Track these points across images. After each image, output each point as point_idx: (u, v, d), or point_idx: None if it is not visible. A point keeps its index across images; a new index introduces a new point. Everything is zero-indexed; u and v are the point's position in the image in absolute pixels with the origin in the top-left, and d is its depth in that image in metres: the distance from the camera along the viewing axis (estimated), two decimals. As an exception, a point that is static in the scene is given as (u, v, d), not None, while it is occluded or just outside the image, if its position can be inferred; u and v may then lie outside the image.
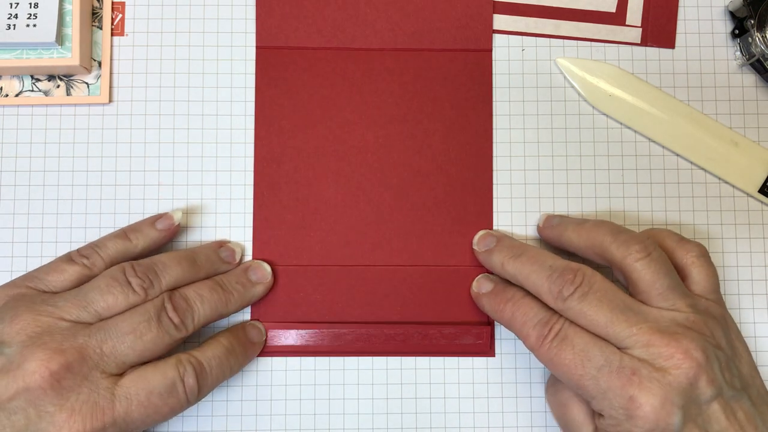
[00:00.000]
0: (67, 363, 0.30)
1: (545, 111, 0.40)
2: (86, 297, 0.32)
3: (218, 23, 0.40)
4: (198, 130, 0.39)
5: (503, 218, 0.39)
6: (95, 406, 0.30)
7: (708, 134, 0.39)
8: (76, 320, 0.32)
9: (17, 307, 0.32)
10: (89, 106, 0.39)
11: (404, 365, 0.38)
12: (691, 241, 0.35)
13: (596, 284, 0.32)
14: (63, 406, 0.30)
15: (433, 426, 0.38)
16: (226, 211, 0.39)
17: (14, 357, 0.30)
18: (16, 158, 0.39)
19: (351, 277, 0.38)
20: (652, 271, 0.32)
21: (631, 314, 0.31)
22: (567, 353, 0.31)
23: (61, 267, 0.34)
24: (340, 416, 0.38)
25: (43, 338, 0.30)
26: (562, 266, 0.33)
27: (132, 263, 0.34)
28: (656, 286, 0.32)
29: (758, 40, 0.39)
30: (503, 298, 0.35)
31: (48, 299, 0.32)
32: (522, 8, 0.41)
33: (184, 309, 0.34)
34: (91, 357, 0.31)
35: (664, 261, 0.33)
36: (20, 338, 0.30)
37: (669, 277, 0.32)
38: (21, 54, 0.38)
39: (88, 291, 0.33)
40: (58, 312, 0.32)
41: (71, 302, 0.32)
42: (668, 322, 0.31)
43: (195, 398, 0.33)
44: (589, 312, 0.31)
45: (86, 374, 0.30)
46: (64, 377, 0.30)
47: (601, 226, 0.35)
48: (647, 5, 0.41)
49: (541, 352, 0.32)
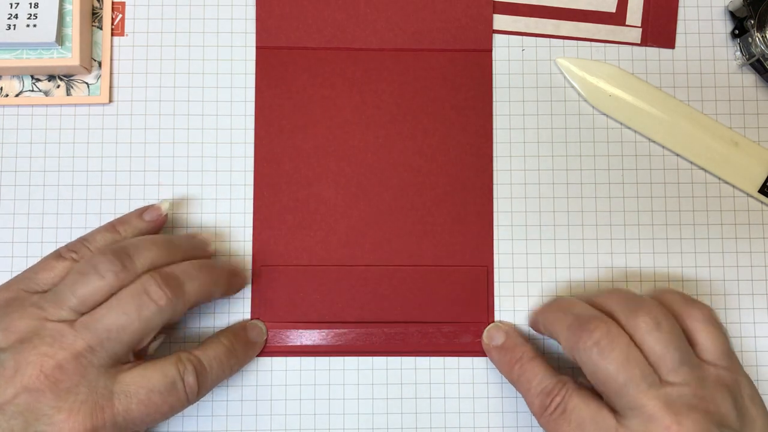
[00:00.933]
0: (58, 363, 0.30)
1: (545, 111, 0.40)
2: (61, 295, 0.32)
3: (218, 23, 0.40)
4: (198, 130, 0.39)
5: (503, 218, 0.39)
6: (94, 406, 0.30)
7: (708, 134, 0.39)
8: (59, 320, 0.31)
9: (9, 312, 0.31)
10: (89, 106, 0.39)
11: (404, 365, 0.38)
12: (697, 304, 0.34)
13: (617, 339, 0.32)
14: (61, 408, 0.29)
15: (433, 426, 0.38)
16: (226, 211, 0.39)
17: (8, 362, 0.30)
18: (16, 158, 0.39)
19: (351, 277, 0.38)
20: (663, 345, 0.31)
21: (644, 385, 0.31)
22: (564, 426, 0.32)
23: (50, 264, 0.33)
24: (340, 416, 0.38)
25: (33, 341, 0.30)
26: (587, 316, 0.33)
27: (102, 249, 0.33)
28: (666, 360, 0.31)
29: (758, 40, 0.39)
30: (512, 358, 0.36)
31: (36, 300, 0.32)
32: (522, 8, 0.41)
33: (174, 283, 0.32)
34: (82, 354, 0.30)
35: (674, 331, 0.32)
36: (11, 342, 0.30)
37: (680, 351, 0.31)
38: (21, 54, 0.38)
39: (61, 289, 0.32)
40: (43, 313, 0.31)
41: (51, 302, 0.32)
42: (676, 399, 0.30)
43: (195, 397, 0.33)
44: (606, 367, 0.31)
45: (82, 372, 0.30)
46: (60, 378, 0.30)
47: (612, 295, 0.34)
48: (647, 5, 0.41)
49: (542, 422, 0.33)
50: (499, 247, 0.39)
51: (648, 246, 0.39)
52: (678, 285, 0.39)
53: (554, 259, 0.39)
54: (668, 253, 0.39)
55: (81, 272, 0.32)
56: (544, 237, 0.39)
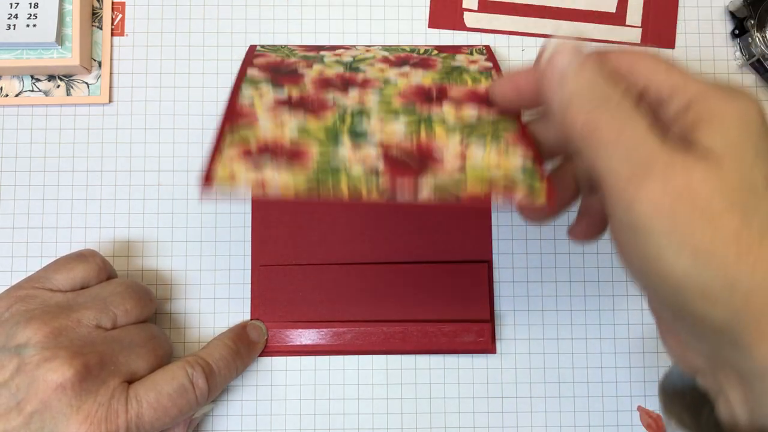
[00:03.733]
0: (88, 365, 0.30)
1: (545, 111, 0.40)
2: (106, 300, 0.32)
3: (218, 23, 0.40)
4: (198, 130, 0.39)
5: (503, 218, 0.39)
6: (109, 409, 0.30)
7: (708, 134, 0.39)
8: (95, 324, 0.31)
9: (31, 309, 0.31)
10: (89, 106, 0.39)
11: (404, 365, 0.38)
12: None
13: None
14: (80, 408, 0.29)
15: (433, 426, 0.38)
16: (226, 211, 0.39)
17: (31, 358, 0.29)
18: (16, 158, 0.39)
19: (351, 276, 0.38)
20: None
21: None
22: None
23: (70, 265, 0.33)
24: (340, 416, 0.38)
25: (61, 340, 0.30)
26: None
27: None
28: None
29: (758, 40, 0.39)
30: None
31: (61, 300, 0.32)
32: (522, 8, 0.41)
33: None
34: (108, 363, 0.31)
35: None
36: (37, 339, 0.30)
37: None
38: (21, 54, 0.38)
39: (108, 295, 0.33)
40: (75, 315, 0.31)
41: (90, 305, 0.32)
42: None
43: (205, 400, 0.33)
44: None
45: (104, 379, 0.30)
46: (85, 379, 0.30)
47: None
48: (647, 5, 0.41)
49: None
50: (499, 248, 0.39)
51: (648, 246, 0.39)
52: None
53: (554, 260, 0.39)
54: (668, 253, 0.39)
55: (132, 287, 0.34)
56: (544, 237, 0.39)
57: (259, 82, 0.31)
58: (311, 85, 0.31)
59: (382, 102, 0.30)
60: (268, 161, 0.26)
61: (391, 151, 0.27)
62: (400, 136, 0.28)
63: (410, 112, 0.29)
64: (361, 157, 0.27)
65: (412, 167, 0.27)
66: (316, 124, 0.28)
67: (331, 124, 0.29)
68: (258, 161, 0.26)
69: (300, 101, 0.30)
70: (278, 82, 0.31)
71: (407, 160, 0.27)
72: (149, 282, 0.38)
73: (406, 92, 0.31)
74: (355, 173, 0.26)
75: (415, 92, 0.31)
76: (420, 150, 0.28)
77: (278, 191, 0.26)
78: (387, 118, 0.29)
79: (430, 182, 0.26)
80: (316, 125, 0.28)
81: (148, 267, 0.38)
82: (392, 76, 0.32)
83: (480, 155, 0.27)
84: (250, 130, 0.28)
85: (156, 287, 0.38)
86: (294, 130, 0.28)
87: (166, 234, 0.39)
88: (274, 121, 0.28)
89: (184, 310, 0.38)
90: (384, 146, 0.28)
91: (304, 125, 0.28)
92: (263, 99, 0.30)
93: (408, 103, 0.30)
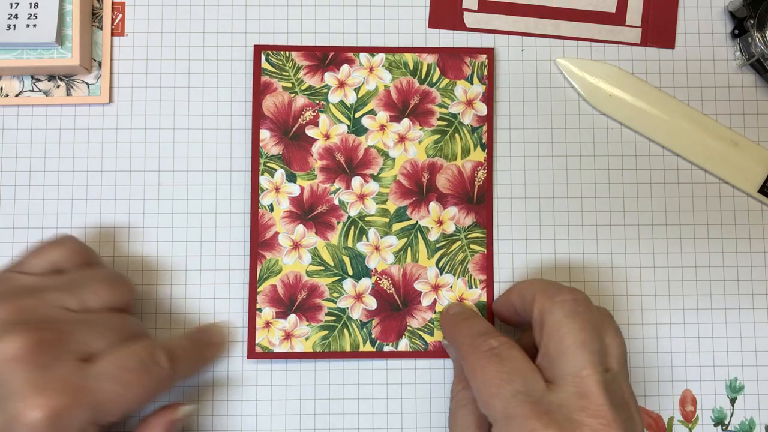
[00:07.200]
0: (43, 339, 0.29)
1: (545, 111, 0.40)
2: (77, 283, 0.32)
3: (218, 23, 0.40)
4: (198, 130, 0.39)
5: (503, 218, 0.39)
6: (67, 383, 0.29)
7: (708, 134, 0.39)
8: (61, 305, 0.31)
9: (1, 291, 0.31)
10: (89, 106, 0.39)
11: (404, 365, 0.38)
12: None
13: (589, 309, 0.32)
14: (36, 382, 0.29)
15: (433, 426, 0.38)
16: (226, 211, 0.39)
17: None
18: (16, 158, 0.39)
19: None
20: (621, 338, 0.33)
21: (597, 356, 0.30)
22: (494, 365, 0.31)
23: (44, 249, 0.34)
24: (340, 416, 0.38)
25: (22, 317, 0.30)
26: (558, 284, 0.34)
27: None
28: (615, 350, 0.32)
29: (758, 40, 0.39)
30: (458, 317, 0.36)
31: (31, 282, 0.32)
32: (522, 8, 0.41)
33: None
34: (68, 341, 0.30)
35: None
36: (2, 317, 0.30)
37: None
38: (21, 54, 0.38)
39: (81, 278, 0.32)
40: (42, 295, 0.31)
41: (59, 287, 0.32)
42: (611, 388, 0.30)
43: (170, 382, 0.33)
44: (571, 325, 0.31)
45: (60, 355, 0.30)
46: (39, 352, 0.29)
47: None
48: (647, 5, 0.41)
49: (468, 359, 0.32)
50: (499, 247, 0.39)
51: (648, 246, 0.39)
52: (678, 285, 0.39)
53: (554, 259, 0.39)
54: (668, 253, 0.39)
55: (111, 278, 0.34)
56: (544, 237, 0.39)
57: (272, 164, 0.38)
58: (318, 171, 0.38)
59: (379, 200, 0.38)
60: (292, 316, 0.37)
61: (382, 285, 0.38)
62: (392, 260, 0.38)
63: (402, 218, 0.38)
64: (359, 292, 0.37)
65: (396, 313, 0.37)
66: (325, 250, 0.38)
67: (336, 243, 0.38)
68: (285, 314, 0.37)
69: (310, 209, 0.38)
70: (290, 165, 0.38)
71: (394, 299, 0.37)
72: (149, 282, 0.38)
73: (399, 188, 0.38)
74: (354, 327, 0.37)
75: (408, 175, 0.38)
76: (405, 285, 0.38)
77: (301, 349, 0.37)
78: (381, 231, 0.38)
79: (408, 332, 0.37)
80: (325, 253, 0.38)
81: (147, 267, 0.38)
82: (391, 144, 0.38)
83: (449, 288, 0.38)
84: (275, 263, 0.38)
85: (156, 287, 0.38)
86: (308, 260, 0.38)
87: (166, 234, 0.39)
88: (291, 254, 0.38)
89: (184, 310, 0.38)
90: (378, 274, 0.38)
91: (315, 250, 0.38)
92: (280, 204, 0.38)
93: (401, 206, 0.38)
